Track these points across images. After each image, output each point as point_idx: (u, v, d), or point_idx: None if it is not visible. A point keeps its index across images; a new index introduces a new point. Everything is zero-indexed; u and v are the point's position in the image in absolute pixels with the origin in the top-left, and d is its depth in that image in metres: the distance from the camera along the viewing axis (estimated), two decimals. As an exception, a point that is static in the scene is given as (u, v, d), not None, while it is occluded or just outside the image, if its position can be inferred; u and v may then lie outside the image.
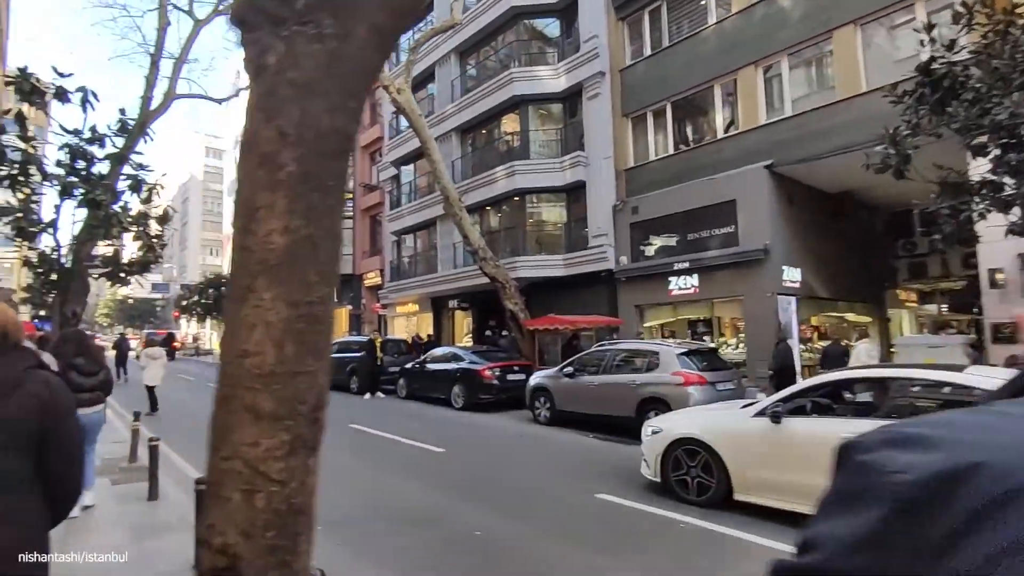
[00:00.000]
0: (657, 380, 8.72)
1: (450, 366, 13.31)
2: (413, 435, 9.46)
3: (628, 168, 16.78)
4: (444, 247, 21.87)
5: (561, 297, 17.36)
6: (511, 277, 14.85)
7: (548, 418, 10.59)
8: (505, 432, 10.05)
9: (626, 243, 16.48)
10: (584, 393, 9.88)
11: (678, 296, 14.91)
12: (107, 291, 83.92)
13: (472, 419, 11.44)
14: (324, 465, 6.08)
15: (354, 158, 30.34)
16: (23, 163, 6.93)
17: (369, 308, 28.42)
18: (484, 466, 7.52)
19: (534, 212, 19.02)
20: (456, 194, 14.12)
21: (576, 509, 5.62)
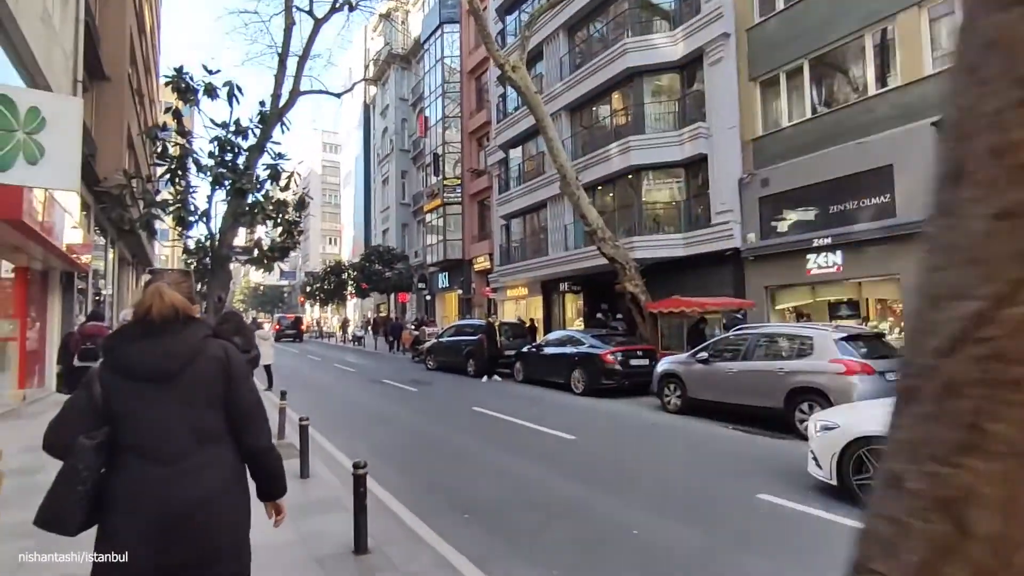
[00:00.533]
0: (811, 368, 7.79)
1: (569, 350, 12.96)
2: (538, 420, 9.23)
3: (756, 137, 15.38)
4: (555, 229, 21.51)
5: (680, 278, 16.41)
6: (631, 258, 14.14)
7: (678, 406, 9.94)
8: (634, 420, 9.54)
9: (754, 219, 15.18)
10: (721, 380, 9.12)
11: (817, 276, 13.48)
12: (242, 279, 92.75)
13: (595, 405, 11.04)
14: (454, 448, 5.99)
15: (462, 143, 30.78)
16: (180, 157, 7.37)
17: (479, 292, 28.82)
18: (622, 457, 7.09)
19: (650, 189, 18.09)
20: (573, 172, 13.63)
21: (740, 511, 5.04)
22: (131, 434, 1.80)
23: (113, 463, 1.79)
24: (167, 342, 1.86)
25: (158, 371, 1.84)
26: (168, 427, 1.82)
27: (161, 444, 1.80)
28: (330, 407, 10.97)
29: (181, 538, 1.77)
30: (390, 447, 7.60)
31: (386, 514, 4.90)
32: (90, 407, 1.81)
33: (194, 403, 1.86)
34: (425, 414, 10.15)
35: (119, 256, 22.07)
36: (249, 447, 1.98)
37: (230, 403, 1.93)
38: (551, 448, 7.49)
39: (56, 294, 12.15)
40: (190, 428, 1.84)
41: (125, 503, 1.76)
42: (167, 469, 1.78)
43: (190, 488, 1.79)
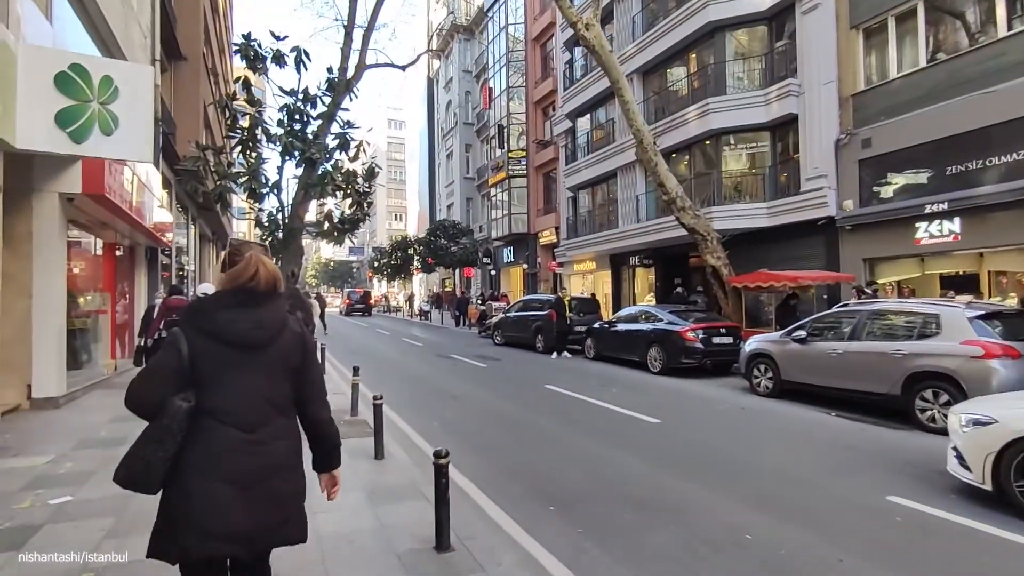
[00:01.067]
0: (937, 350, 6.81)
1: (645, 326, 12.27)
2: (617, 401, 8.69)
3: (857, 93, 13.85)
4: (625, 200, 20.57)
5: (763, 251, 15.25)
6: (713, 228, 13.16)
7: (769, 389, 9.12)
8: (721, 403, 8.83)
9: (853, 184, 13.77)
10: (821, 362, 8.23)
11: (929, 246, 12.07)
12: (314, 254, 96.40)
13: (676, 385, 10.37)
14: (532, 430, 5.41)
15: (526, 114, 29.99)
16: (251, 127, 7.19)
17: (544, 266, 28.29)
18: (715, 444, 6.46)
19: (731, 155, 16.81)
20: (651, 137, 12.72)
21: (869, 516, 4.34)
22: (216, 399, 1.83)
23: (191, 426, 1.81)
24: (262, 312, 1.90)
25: (253, 339, 1.87)
26: (252, 395, 1.87)
27: (243, 411, 1.84)
28: (400, 382, 10.86)
29: (256, 504, 1.81)
30: (464, 426, 7.29)
31: (466, 503, 4.55)
32: (179, 368, 1.82)
33: (275, 374, 1.92)
34: (496, 391, 9.83)
35: (200, 233, 23.03)
36: (315, 418, 2.05)
37: (302, 376, 2.00)
38: (635, 432, 6.95)
39: (142, 269, 12.62)
40: (269, 398, 1.90)
41: (205, 466, 1.78)
42: (246, 435, 1.82)
43: (266, 455, 1.85)
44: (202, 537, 1.76)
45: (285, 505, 1.91)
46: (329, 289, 75.65)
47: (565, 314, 14.88)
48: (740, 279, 12.44)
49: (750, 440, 6.66)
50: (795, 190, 15.07)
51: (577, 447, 6.28)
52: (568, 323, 14.98)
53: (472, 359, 14.29)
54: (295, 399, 2.00)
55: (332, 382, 10.16)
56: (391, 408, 8.18)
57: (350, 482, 4.75)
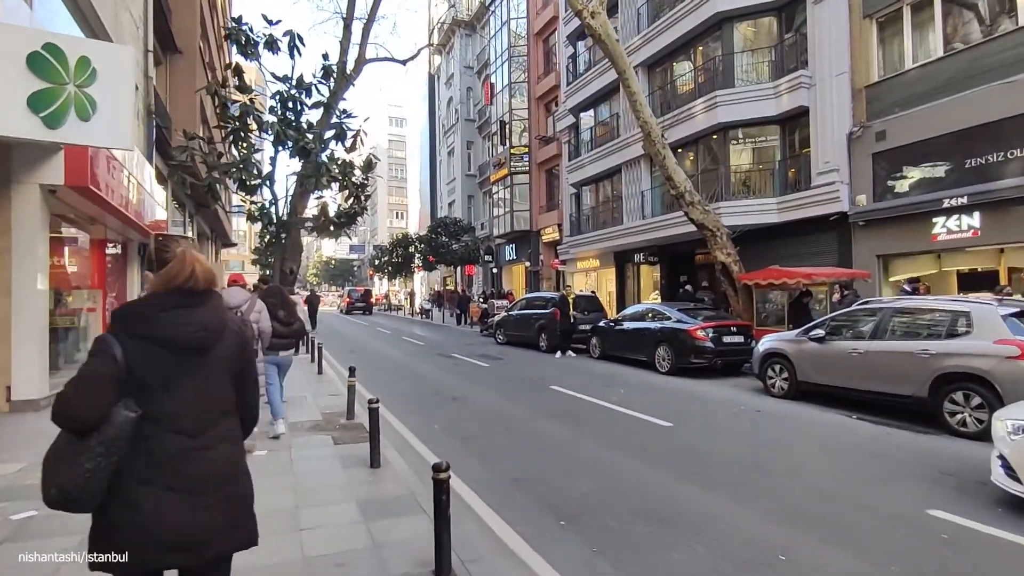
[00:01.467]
0: (968, 350, 6.42)
1: (652, 325, 11.88)
2: (625, 403, 8.32)
3: (870, 84, 13.45)
4: (630, 196, 20.17)
5: (773, 248, 14.87)
6: (723, 224, 12.76)
7: (784, 390, 8.73)
8: (735, 405, 8.44)
9: (866, 178, 13.37)
10: (841, 362, 7.84)
11: (947, 242, 11.67)
12: (315, 253, 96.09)
13: (685, 386, 9.98)
14: (537, 434, 4.73)
15: (528, 110, 29.60)
16: (242, 115, 6.83)
17: (547, 264, 27.91)
18: (732, 450, 6.08)
19: (739, 149, 16.41)
20: (659, 129, 12.32)
21: (910, 532, 3.97)
22: (159, 405, 1.75)
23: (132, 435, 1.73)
24: (204, 313, 1.83)
25: (198, 343, 1.80)
26: (197, 400, 1.81)
27: (188, 417, 1.79)
28: (400, 383, 10.50)
29: (206, 510, 1.77)
30: (466, 429, 6.92)
31: (468, 517, 4.18)
32: (114, 376, 1.70)
33: (219, 377, 1.87)
34: (499, 392, 9.46)
35: (198, 230, 22.69)
36: (247, 419, 2.03)
37: (243, 377, 1.96)
38: (647, 437, 6.57)
39: (135, 266, 12.27)
40: (214, 401, 1.86)
41: (150, 475, 1.71)
42: (192, 441, 1.77)
43: (214, 460, 1.81)
44: (152, 549, 1.70)
45: (236, 509, 1.86)
46: (330, 288, 75.37)
47: (569, 312, 14.50)
48: (751, 276, 12.05)
49: (770, 446, 6.28)
50: (806, 185, 14.68)
51: (586, 453, 5.91)
52: (572, 321, 14.60)
53: (474, 358, 13.92)
54: (235, 400, 1.94)
55: (329, 383, 9.80)
56: (389, 410, 7.82)
57: (343, 493, 4.39)
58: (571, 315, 14.49)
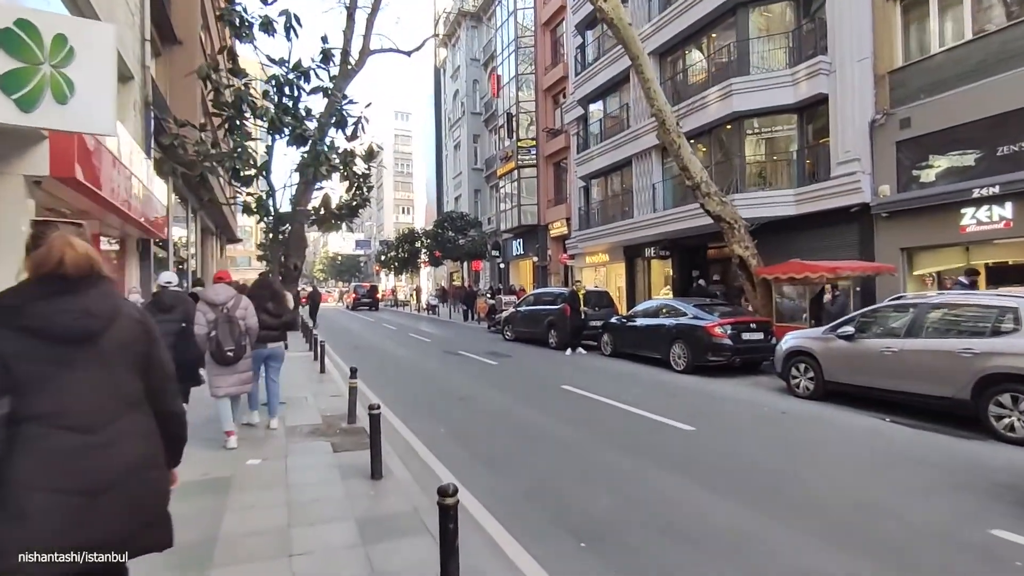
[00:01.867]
0: (1017, 349, 5.95)
1: (667, 321, 11.42)
2: (642, 404, 7.89)
3: (894, 70, 12.88)
4: (641, 189, 19.67)
5: (791, 241, 14.34)
6: (740, 216, 12.26)
7: (810, 391, 8.27)
8: (757, 406, 7.99)
9: (889, 168, 12.83)
10: (873, 361, 7.38)
11: (976, 233, 11.13)
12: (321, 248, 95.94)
13: (704, 386, 9.53)
14: (550, 438, 4.20)
15: (536, 102, 29.10)
16: (235, 101, 6.42)
17: (555, 259, 27.44)
18: (761, 457, 5.64)
19: (754, 139, 15.87)
20: (673, 117, 11.83)
21: (977, 559, 3.52)
22: (40, 402, 1.62)
23: (12, 436, 1.59)
24: (87, 299, 1.73)
25: (81, 330, 1.70)
26: (89, 392, 1.69)
27: (80, 411, 1.66)
28: (405, 382, 10.11)
29: (108, 511, 1.65)
30: (473, 434, 6.51)
31: (477, 537, 3.78)
32: None
33: (117, 366, 1.76)
34: (508, 392, 9.04)
35: (201, 226, 22.39)
36: (165, 411, 1.91)
37: (150, 366, 1.86)
38: (669, 442, 6.14)
39: (134, 262, 11.94)
40: (112, 393, 1.74)
41: (37, 478, 1.58)
42: (87, 438, 1.65)
43: (117, 457, 1.69)
44: (41, 560, 1.59)
45: (145, 508, 1.76)
46: (336, 283, 75.23)
47: (579, 308, 14.07)
48: (770, 270, 11.56)
49: (800, 452, 5.84)
50: (825, 176, 14.13)
51: (603, 460, 5.49)
52: (583, 318, 14.17)
53: (481, 356, 13.52)
54: (145, 391, 1.83)
55: (331, 382, 9.42)
56: (393, 412, 7.44)
57: (340, 510, 3.99)
58: (582, 311, 14.06)
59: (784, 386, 8.87)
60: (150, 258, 12.43)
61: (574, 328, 14.06)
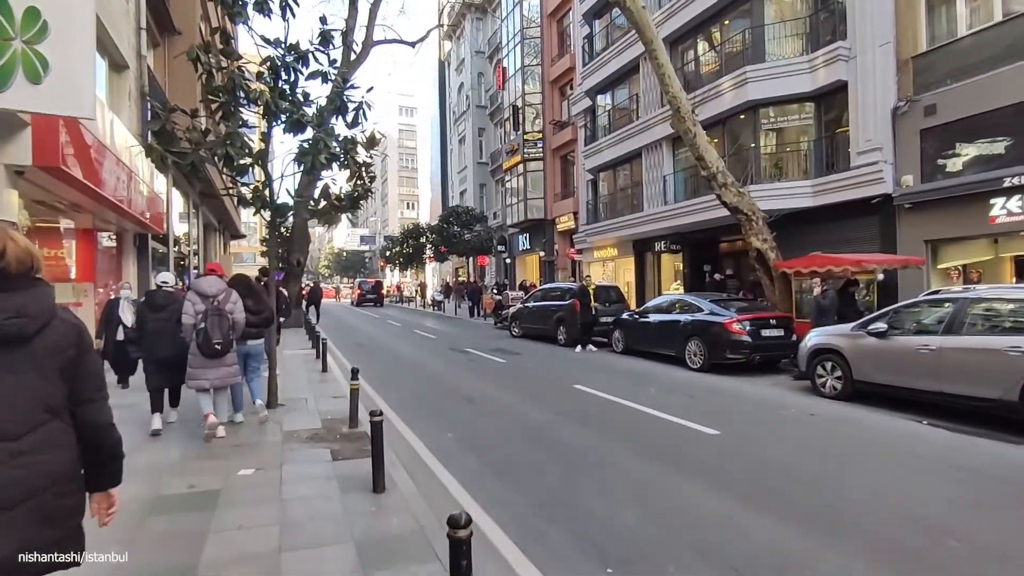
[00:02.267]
0: (1071, 347, 5.49)
1: (683, 317, 10.98)
2: (660, 405, 7.46)
3: (918, 55, 12.36)
4: (651, 181, 19.18)
5: (809, 233, 13.88)
6: (758, 208, 11.79)
7: (837, 390, 7.83)
8: (782, 407, 7.55)
9: (913, 157, 12.32)
10: (908, 360, 6.93)
11: (1006, 225, 10.63)
12: (326, 245, 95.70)
13: (723, 385, 9.10)
14: (565, 444, 3.54)
15: (542, 94, 28.60)
16: (228, 84, 6.01)
17: (562, 254, 27.00)
18: (794, 465, 5.21)
19: (770, 129, 15.37)
20: (688, 104, 11.34)
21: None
22: None
23: None
24: (21, 298, 1.65)
25: (14, 331, 1.61)
26: (14, 397, 1.60)
27: (4, 417, 1.58)
28: (410, 381, 9.72)
29: (20, 524, 1.58)
30: (483, 439, 6.11)
31: (490, 559, 3.37)
32: None
33: (47, 371, 1.67)
34: (518, 392, 8.64)
35: (204, 221, 22.05)
36: (92, 422, 1.79)
37: (79, 375, 1.75)
38: (692, 448, 5.72)
39: (131, 258, 11.61)
40: (40, 399, 1.65)
41: None
42: (7, 445, 1.57)
43: (35, 467, 1.61)
44: None
45: (61, 523, 1.69)
46: (341, 279, 75.02)
47: (590, 304, 13.64)
48: (790, 263, 11.08)
49: (835, 458, 5.41)
50: (844, 166, 13.63)
51: (625, 469, 5.07)
52: (593, 313, 13.74)
53: (489, 353, 13.13)
54: (71, 400, 1.75)
55: (333, 382, 9.04)
56: (398, 414, 7.05)
57: (339, 529, 3.59)
58: (592, 307, 13.63)
59: (808, 385, 8.44)
60: (148, 254, 12.09)
61: (584, 324, 13.64)
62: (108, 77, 10.27)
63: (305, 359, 11.60)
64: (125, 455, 1.93)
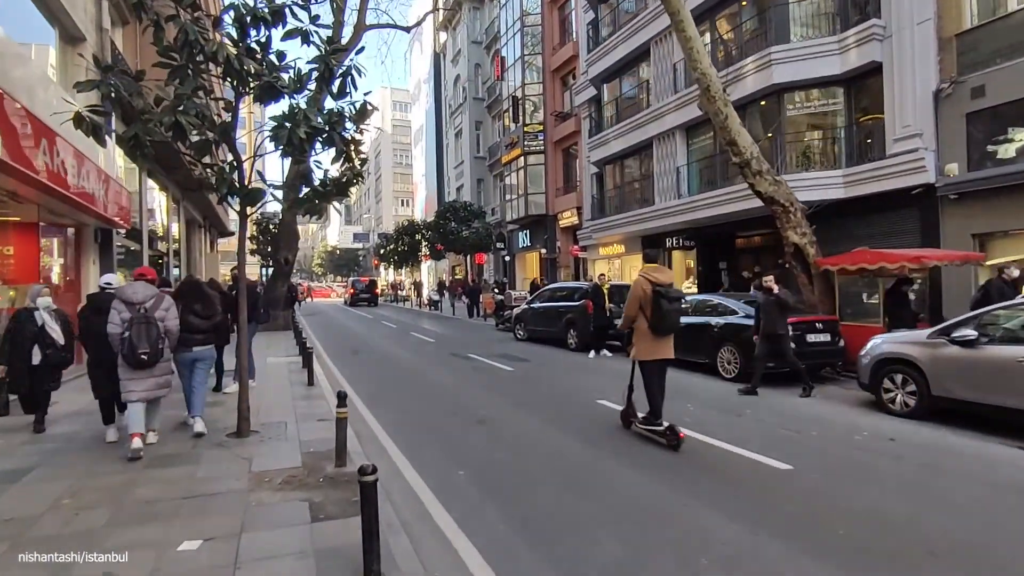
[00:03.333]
0: None
1: (714, 320, 9.83)
2: (708, 428, 6.31)
3: (962, 32, 11.28)
4: (663, 173, 18.03)
5: (839, 228, 12.78)
6: (796, 198, 10.64)
7: (910, 407, 6.71)
8: (851, 429, 6.40)
9: (958, 143, 11.24)
10: (1005, 374, 5.80)
11: (1069, 216, 9.54)
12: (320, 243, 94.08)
13: (769, 400, 7.95)
14: (608, 485, 3.34)
15: (543, 84, 27.42)
16: (181, 37, 4.79)
17: (565, 251, 25.83)
18: (902, 513, 4.04)
19: (796, 115, 14.24)
20: (719, 82, 10.17)
21: None
22: None
23: None
24: None
25: None
26: None
27: None
28: (410, 396, 8.52)
29: None
30: (507, 481, 4.91)
31: None
32: None
33: None
34: (536, 410, 7.47)
35: (186, 218, 20.73)
36: None
37: None
38: (770, 491, 4.55)
39: (91, 255, 10.33)
40: None
41: None
42: None
43: None
44: None
45: None
46: (335, 278, 73.54)
47: (604, 305, 12.48)
48: (835, 260, 9.93)
49: (941, 499, 4.26)
50: (879, 154, 12.53)
51: (697, 525, 3.88)
52: (608, 315, 12.59)
53: (495, 360, 11.94)
54: None
55: (320, 399, 7.83)
56: (395, 442, 5.87)
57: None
58: (607, 308, 12.47)
59: (868, 398, 7.33)
60: (112, 251, 10.82)
61: (598, 328, 12.49)
62: (59, 48, 9.01)
63: (290, 368, 10.39)
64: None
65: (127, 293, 5.17)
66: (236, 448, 5.36)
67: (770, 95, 14.20)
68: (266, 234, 28.19)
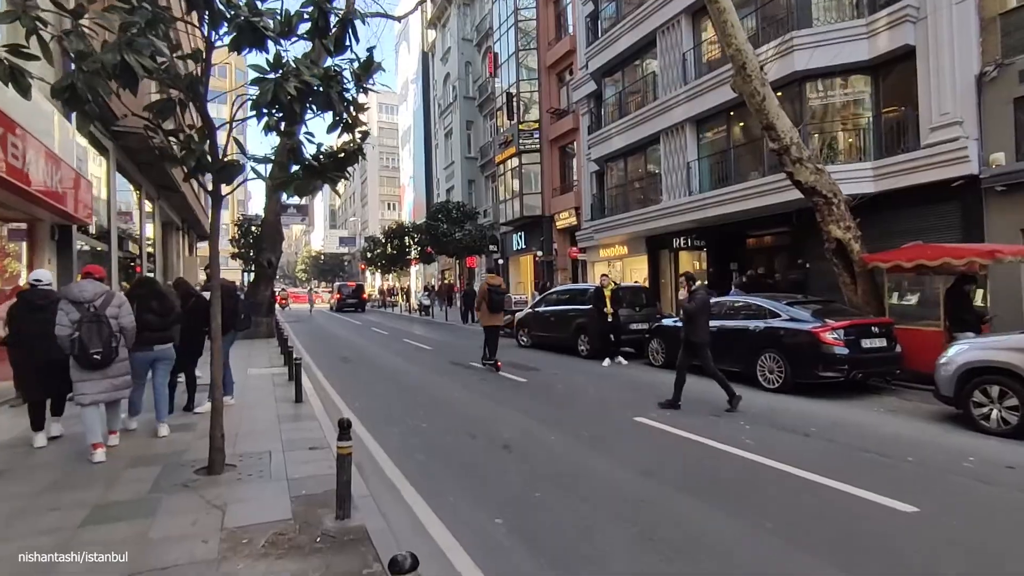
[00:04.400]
0: None
1: (752, 324, 8.79)
2: (781, 454, 5.27)
3: (1006, 11, 10.47)
4: (671, 170, 17.07)
5: (870, 223, 11.82)
6: (840, 189, 9.68)
7: (1010, 425, 5.73)
8: (948, 452, 5.39)
9: (1005, 131, 10.41)
10: None
11: None
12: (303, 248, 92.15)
13: (830, 415, 6.92)
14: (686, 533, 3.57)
15: (539, 80, 26.44)
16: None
17: (563, 254, 24.78)
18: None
19: (819, 104, 13.36)
20: (757, 61, 9.19)
21: None
22: None
23: None
24: None
25: None
26: None
27: None
28: (413, 413, 7.35)
29: None
30: (561, 535, 3.80)
31: None
32: None
33: None
34: (566, 430, 6.37)
35: (163, 218, 19.37)
36: None
37: None
38: (897, 540, 3.50)
39: (46, 254, 9.06)
40: None
41: None
42: None
43: None
44: None
45: None
46: (320, 284, 71.79)
47: (604, 308, 11.42)
48: (885, 256, 8.97)
49: None
50: (914, 144, 11.67)
51: None
52: (617, 320, 11.53)
53: (502, 368, 10.80)
54: None
55: (309, 419, 6.64)
56: (407, 477, 4.75)
57: None
58: (617, 313, 11.38)
59: (946, 412, 6.34)
60: (71, 250, 9.53)
61: (602, 333, 11.46)
62: None
63: (275, 381, 9.17)
64: None
65: (74, 292, 4.94)
66: (206, 490, 4.18)
67: (791, 83, 13.30)
68: (247, 236, 26.77)
